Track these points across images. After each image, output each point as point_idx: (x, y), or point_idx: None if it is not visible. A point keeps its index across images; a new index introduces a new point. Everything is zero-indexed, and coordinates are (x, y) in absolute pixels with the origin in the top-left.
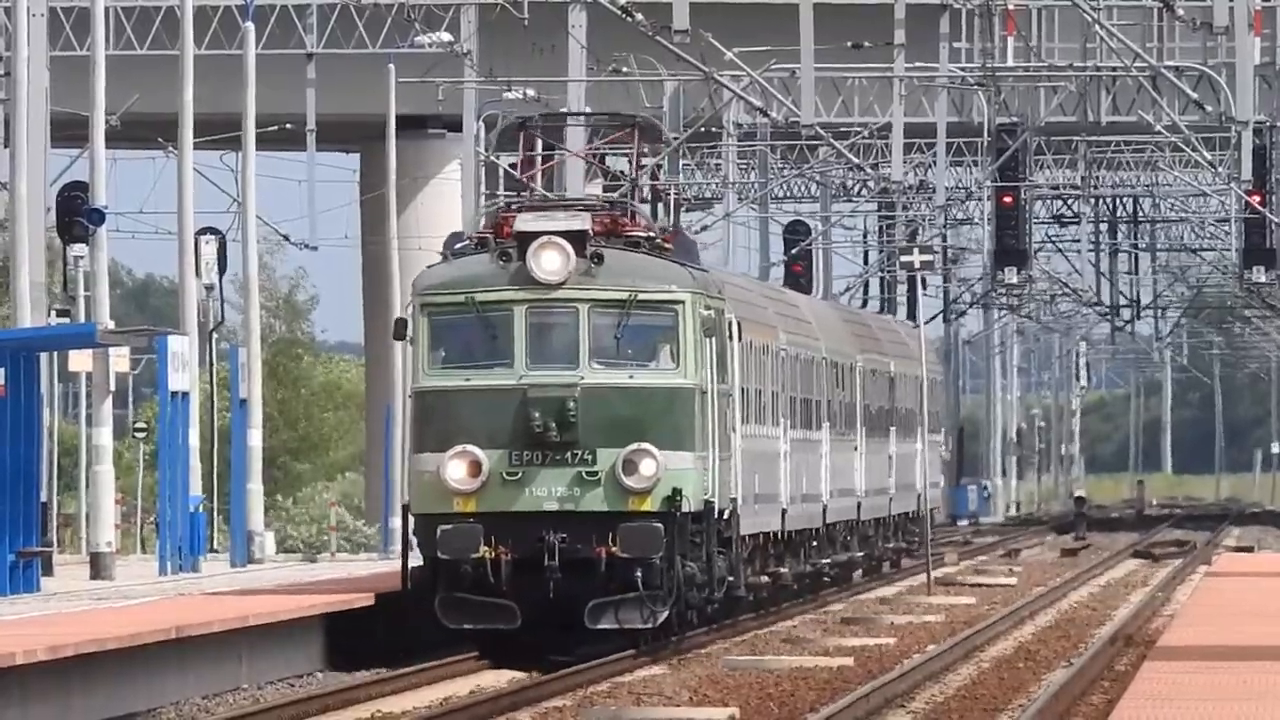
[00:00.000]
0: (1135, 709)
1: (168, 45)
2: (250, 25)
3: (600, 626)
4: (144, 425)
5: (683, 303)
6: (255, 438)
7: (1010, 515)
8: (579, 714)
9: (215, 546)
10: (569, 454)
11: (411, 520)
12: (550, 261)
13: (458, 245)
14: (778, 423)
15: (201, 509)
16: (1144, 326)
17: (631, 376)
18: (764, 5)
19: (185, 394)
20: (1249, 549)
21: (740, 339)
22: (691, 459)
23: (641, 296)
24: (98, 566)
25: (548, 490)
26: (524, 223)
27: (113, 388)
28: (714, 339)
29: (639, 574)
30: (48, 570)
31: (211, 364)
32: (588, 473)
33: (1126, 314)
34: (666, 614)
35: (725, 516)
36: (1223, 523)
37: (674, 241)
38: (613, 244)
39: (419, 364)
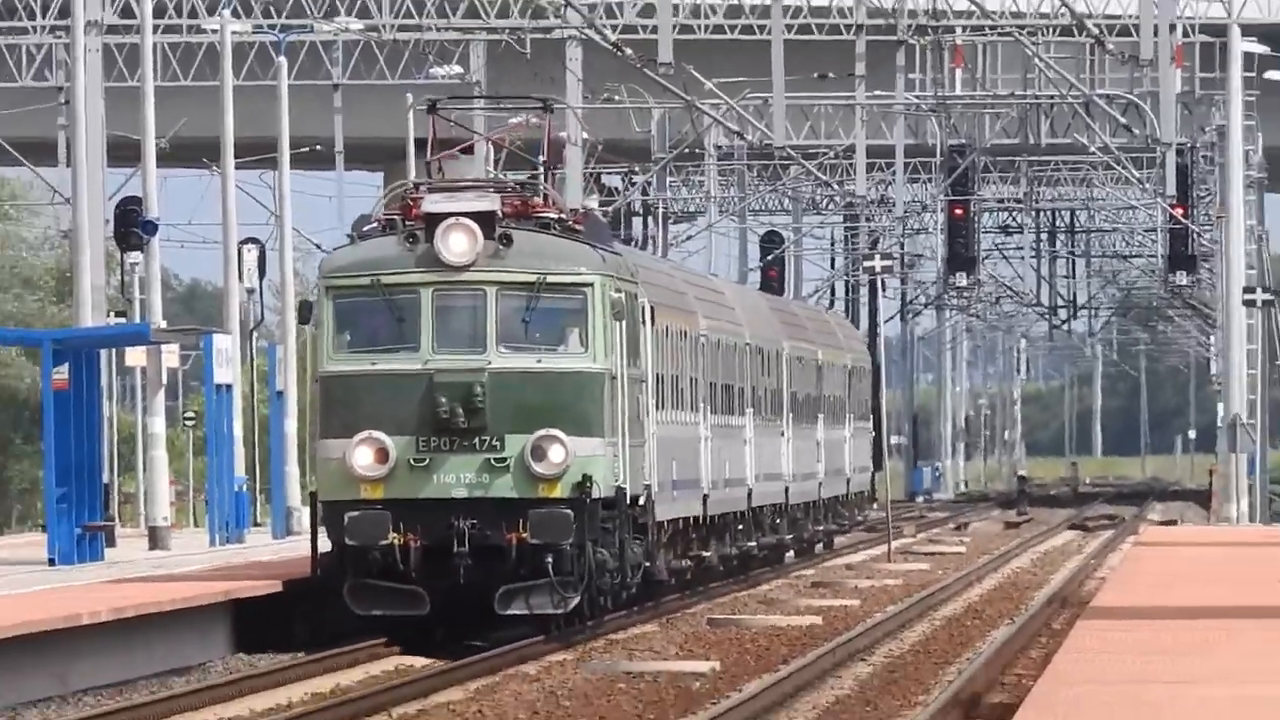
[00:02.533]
0: (1070, 661)
1: (210, 77)
2: (283, 59)
3: (510, 612)
4: (193, 414)
5: (592, 285)
6: (291, 425)
7: (960, 492)
8: (579, 665)
9: (258, 521)
10: (477, 440)
11: (320, 507)
12: (457, 243)
13: (365, 228)
14: (697, 409)
15: (244, 488)
16: (1078, 325)
17: (539, 361)
18: (739, 41)
19: (229, 386)
20: (1172, 522)
21: (654, 323)
22: (601, 445)
23: (550, 279)
24: (155, 539)
25: (456, 477)
26: (432, 204)
27: (164, 381)
28: (625, 323)
29: (549, 560)
30: (110, 542)
31: (251, 360)
32: (496, 459)
33: (1063, 314)
34: (577, 599)
35: (639, 502)
36: (1148, 499)
37: (585, 223)
38: (523, 225)
39: (324, 348)
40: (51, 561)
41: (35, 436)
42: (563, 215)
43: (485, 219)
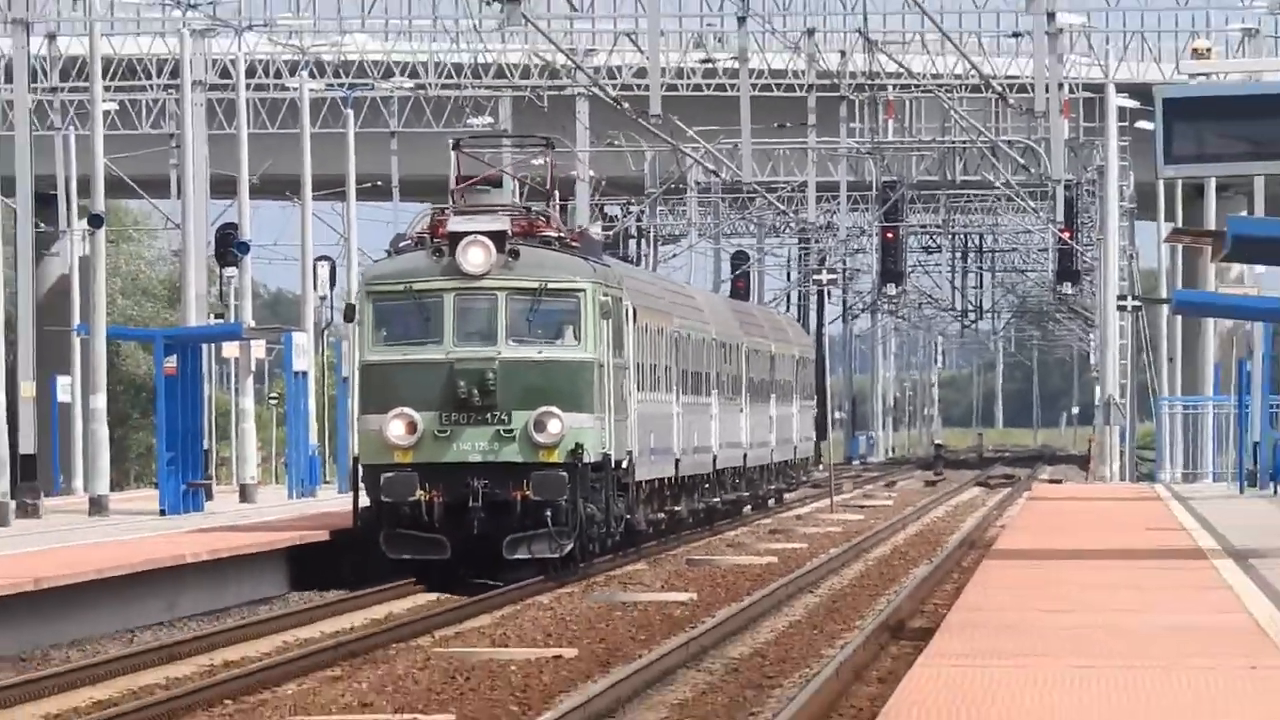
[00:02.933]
0: (977, 593)
1: (291, 125)
2: (350, 111)
3: (516, 557)
4: (276, 395)
5: (584, 291)
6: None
7: (889, 457)
8: (584, 596)
9: (326, 479)
10: (489, 415)
11: (360, 469)
12: (475, 257)
13: (401, 244)
14: (671, 390)
15: (315, 453)
16: (984, 324)
17: (541, 352)
18: (714, 97)
19: (304, 373)
20: (1058, 481)
21: (636, 321)
22: (591, 419)
23: (550, 286)
24: (244, 494)
25: (472, 445)
26: (454, 224)
27: (253, 369)
28: (611, 321)
29: (548, 513)
30: (209, 496)
31: (322, 352)
32: (505, 430)
33: (972, 316)
34: (571, 546)
35: (623, 466)
36: (1038, 463)
37: (580, 240)
38: (528, 242)
39: (365, 341)
40: (162, 512)
41: (150, 412)
42: (561, 234)
43: (498, 237)
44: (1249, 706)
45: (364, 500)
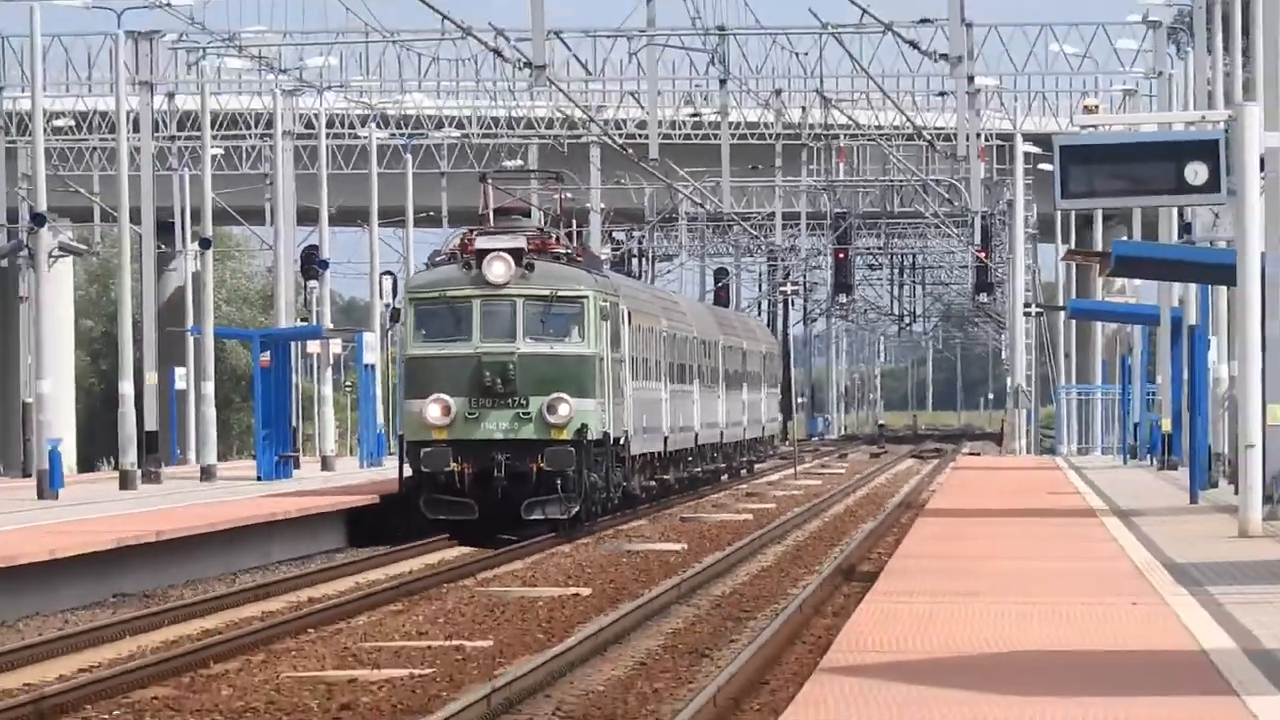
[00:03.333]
0: (913, 544)
1: (362, 166)
2: (409, 155)
3: (532, 518)
4: (349, 384)
5: (587, 297)
6: None
7: (841, 434)
8: (597, 546)
9: (391, 450)
10: (510, 400)
11: (405, 445)
12: (497, 269)
13: (437, 259)
14: (660, 379)
15: (381, 430)
16: (917, 327)
17: (552, 348)
18: (701, 144)
19: (372, 366)
20: (977, 454)
21: (631, 322)
22: (593, 404)
23: (559, 293)
24: (324, 463)
25: (495, 424)
26: (480, 243)
27: (331, 362)
28: (610, 322)
29: (559, 481)
30: (296, 466)
31: (387, 348)
32: (523, 413)
33: (907, 320)
34: (577, 508)
35: (620, 442)
36: (962, 439)
37: (584, 256)
38: (541, 258)
39: (408, 339)
40: (259, 478)
41: (248, 397)
42: (569, 251)
43: (516, 253)
44: (1128, 631)
45: (408, 470)
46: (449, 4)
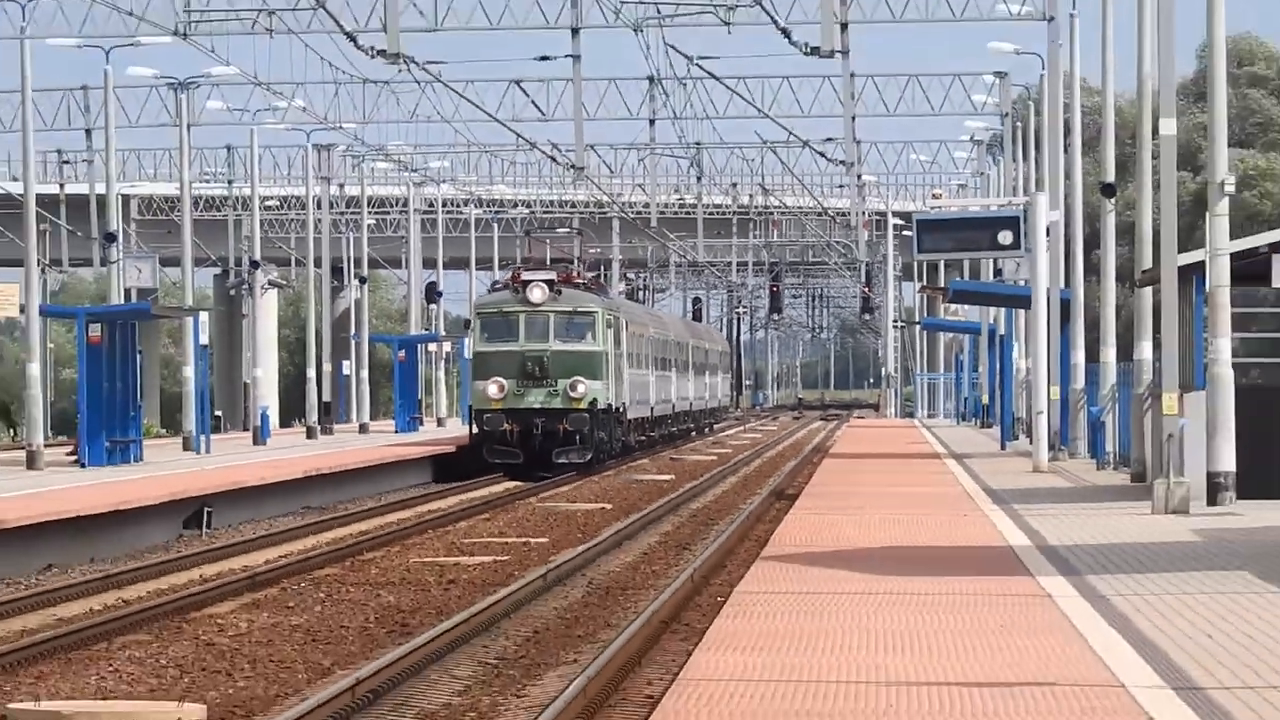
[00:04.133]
0: (821, 475)
1: (465, 232)
2: (495, 225)
3: (559, 462)
4: (456, 371)
5: (596, 312)
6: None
7: (774, 405)
8: (615, 478)
9: None
10: (544, 381)
11: (472, 412)
12: (536, 293)
13: (496, 286)
14: (647, 367)
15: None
16: (824, 335)
17: (573, 346)
18: (684, 218)
19: (470, 359)
20: (863, 417)
21: (626, 330)
22: (601, 384)
23: (578, 310)
24: (439, 422)
25: (534, 398)
26: (525, 275)
27: (443, 356)
28: (613, 329)
29: (578, 437)
30: (421, 424)
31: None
32: (552, 390)
33: (818, 330)
34: (590, 455)
35: (620, 410)
36: (853, 408)
37: (596, 285)
38: (566, 286)
39: (475, 340)
40: (396, 431)
41: (390, 378)
42: (584, 281)
43: (549, 283)
44: (960, 533)
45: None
46: (521, 126)
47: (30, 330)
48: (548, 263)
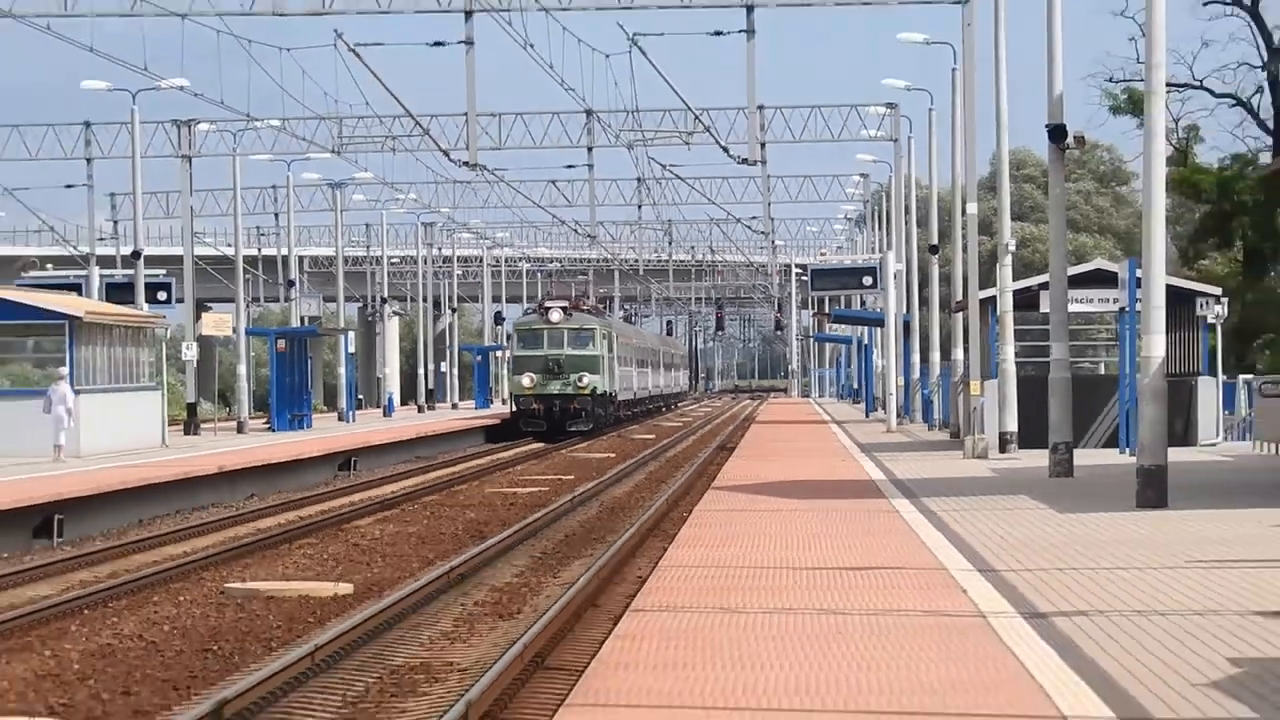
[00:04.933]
0: (749, 434)
1: (519, 280)
2: (549, 280)
3: (571, 429)
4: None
5: (595, 329)
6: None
7: (718, 390)
8: (616, 438)
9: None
10: (560, 375)
11: (512, 396)
12: (555, 314)
13: (528, 311)
14: (632, 365)
15: None
16: (751, 346)
17: (580, 351)
18: (658, 269)
19: None
20: (777, 399)
21: (618, 341)
22: (599, 377)
23: (583, 327)
24: (505, 402)
25: (554, 387)
26: (548, 304)
27: (505, 360)
28: (607, 340)
29: (583, 413)
30: (490, 403)
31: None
32: (566, 382)
33: (747, 341)
34: (592, 425)
35: (613, 394)
36: (771, 391)
37: (596, 311)
38: (576, 311)
39: (513, 347)
40: (476, 407)
41: (472, 375)
42: (589, 307)
43: (564, 308)
44: (839, 471)
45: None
46: (555, 209)
47: (240, 344)
48: (571, 296)
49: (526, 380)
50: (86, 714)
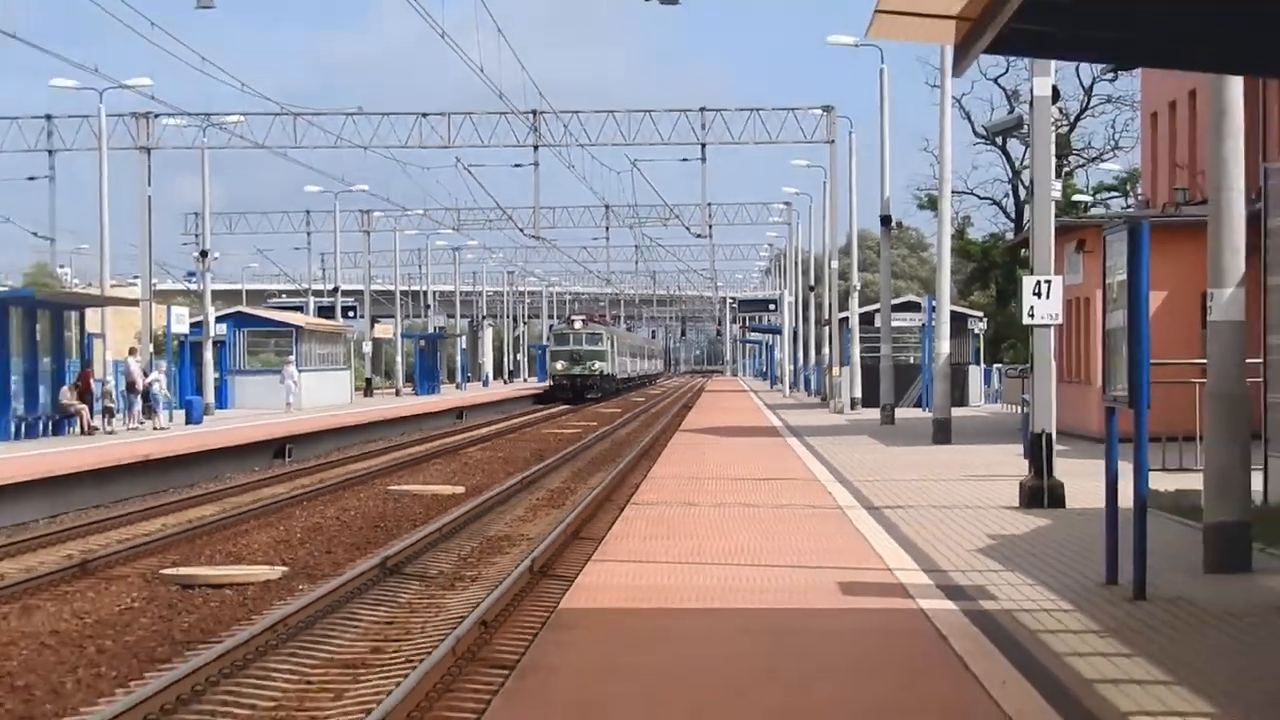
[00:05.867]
0: (701, 399)
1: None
2: (580, 310)
3: (587, 397)
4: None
5: (603, 333)
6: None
7: (683, 373)
8: (619, 402)
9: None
10: (581, 362)
11: (551, 375)
12: (577, 324)
13: (560, 321)
14: (626, 356)
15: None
16: (701, 344)
17: (593, 348)
18: (646, 298)
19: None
20: (718, 380)
21: (617, 340)
22: (605, 364)
23: (595, 332)
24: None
25: (576, 370)
26: (573, 317)
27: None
28: (612, 340)
29: (595, 386)
30: (528, 380)
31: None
32: (583, 366)
33: (699, 344)
34: (600, 395)
35: (614, 374)
36: (715, 374)
37: (604, 322)
38: (591, 322)
39: (551, 344)
40: (539, 381)
41: (534, 363)
42: (599, 319)
43: (583, 320)
44: (753, 420)
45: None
46: (589, 264)
47: (397, 342)
48: (588, 314)
49: (559, 365)
50: (304, 565)
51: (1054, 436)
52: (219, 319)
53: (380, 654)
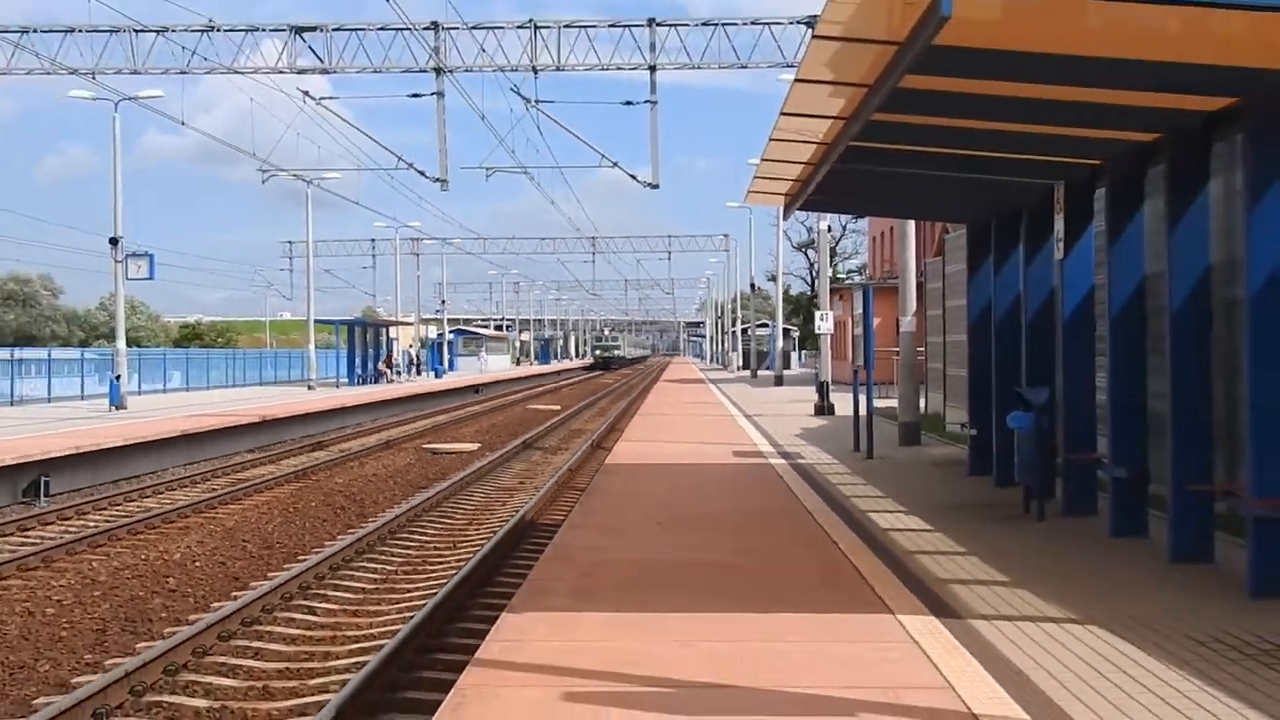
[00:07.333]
0: (668, 373)
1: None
2: (601, 324)
3: (612, 369)
4: None
5: (618, 337)
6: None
7: (662, 354)
8: (627, 370)
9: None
10: (607, 352)
11: (592, 359)
12: (605, 334)
13: (596, 334)
14: (631, 348)
15: None
16: (669, 344)
17: (613, 344)
18: (646, 324)
19: None
20: (680, 359)
21: (624, 340)
22: (621, 351)
23: (614, 338)
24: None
25: (606, 355)
26: (603, 331)
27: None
28: (621, 340)
29: (614, 364)
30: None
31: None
32: (608, 354)
33: (674, 345)
34: (619, 366)
35: (625, 357)
36: (675, 356)
37: (617, 330)
38: (609, 331)
39: (590, 345)
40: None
41: (563, 354)
42: (614, 330)
43: (607, 332)
44: (704, 398)
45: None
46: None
47: (531, 344)
48: (609, 328)
49: (597, 352)
50: (488, 443)
51: (829, 383)
52: (452, 332)
53: (525, 484)
